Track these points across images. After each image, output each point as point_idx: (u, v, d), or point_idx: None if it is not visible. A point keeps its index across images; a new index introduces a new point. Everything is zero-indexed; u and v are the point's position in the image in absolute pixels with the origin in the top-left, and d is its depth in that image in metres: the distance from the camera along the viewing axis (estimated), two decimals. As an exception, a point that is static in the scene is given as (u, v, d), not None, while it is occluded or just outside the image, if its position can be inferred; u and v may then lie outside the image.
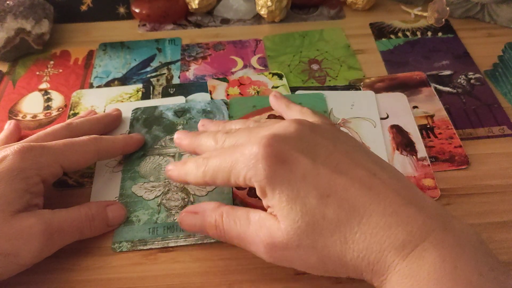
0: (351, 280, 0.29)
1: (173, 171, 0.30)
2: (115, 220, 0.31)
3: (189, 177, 0.29)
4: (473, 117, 0.39)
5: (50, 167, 0.30)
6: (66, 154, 0.31)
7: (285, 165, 0.25)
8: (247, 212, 0.27)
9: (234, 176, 0.26)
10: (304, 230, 0.24)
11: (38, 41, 0.46)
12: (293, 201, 0.24)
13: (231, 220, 0.27)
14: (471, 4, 0.49)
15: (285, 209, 0.24)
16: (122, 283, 0.29)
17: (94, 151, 0.32)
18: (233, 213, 0.27)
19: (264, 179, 0.25)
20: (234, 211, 0.27)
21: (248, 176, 0.25)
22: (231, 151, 0.27)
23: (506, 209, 0.32)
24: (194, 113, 0.39)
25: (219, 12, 0.52)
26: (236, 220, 0.27)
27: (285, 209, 0.24)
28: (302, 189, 0.24)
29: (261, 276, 0.29)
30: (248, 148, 0.26)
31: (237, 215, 0.27)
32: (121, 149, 0.35)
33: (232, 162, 0.26)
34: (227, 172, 0.26)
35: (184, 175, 0.29)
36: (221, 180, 0.27)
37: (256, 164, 0.25)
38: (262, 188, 0.25)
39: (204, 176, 0.28)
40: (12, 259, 0.26)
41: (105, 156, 0.34)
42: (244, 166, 0.25)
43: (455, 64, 0.44)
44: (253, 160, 0.25)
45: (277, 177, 0.25)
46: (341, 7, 0.53)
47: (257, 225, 0.26)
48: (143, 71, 0.45)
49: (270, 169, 0.25)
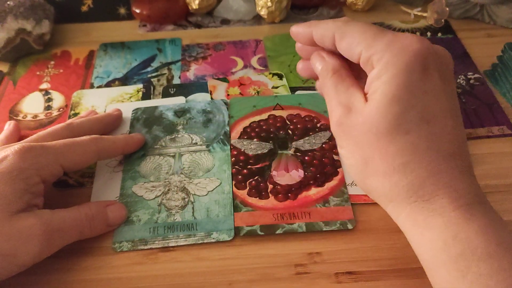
0: (352, 280, 0.29)
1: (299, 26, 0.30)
2: (115, 220, 0.31)
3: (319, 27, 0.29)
4: (472, 117, 0.39)
5: (50, 167, 0.30)
6: (67, 154, 0.31)
7: (423, 73, 0.25)
8: (350, 85, 0.27)
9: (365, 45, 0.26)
10: (383, 127, 0.24)
11: (38, 42, 0.47)
12: (397, 102, 0.24)
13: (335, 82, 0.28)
14: (471, 5, 0.49)
15: (385, 102, 0.24)
16: (122, 283, 0.29)
17: (95, 151, 0.32)
18: (342, 79, 0.28)
19: (396, 66, 0.25)
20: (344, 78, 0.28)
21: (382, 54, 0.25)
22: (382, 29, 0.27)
23: (506, 209, 0.33)
24: (194, 113, 0.39)
25: (219, 12, 0.52)
26: (338, 85, 0.28)
27: (385, 101, 0.24)
28: (415, 99, 0.24)
29: (261, 276, 0.29)
30: (409, 37, 0.25)
31: (342, 82, 0.28)
32: (122, 149, 0.35)
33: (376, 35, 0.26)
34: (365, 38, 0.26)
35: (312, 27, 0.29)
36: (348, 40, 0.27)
37: (403, 51, 0.25)
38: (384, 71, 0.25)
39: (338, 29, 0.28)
40: (12, 259, 0.26)
41: (105, 156, 0.34)
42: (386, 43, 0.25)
43: (455, 64, 0.44)
44: (403, 46, 0.25)
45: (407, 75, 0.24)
46: (341, 8, 0.53)
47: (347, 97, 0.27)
48: (143, 71, 0.45)
49: (409, 65, 0.25)
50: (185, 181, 0.34)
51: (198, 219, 0.32)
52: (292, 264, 0.30)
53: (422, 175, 0.24)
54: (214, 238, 0.31)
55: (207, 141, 0.37)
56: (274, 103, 0.40)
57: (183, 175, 0.35)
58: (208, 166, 0.35)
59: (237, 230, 0.31)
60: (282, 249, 0.31)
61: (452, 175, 0.24)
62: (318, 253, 0.30)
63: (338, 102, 0.27)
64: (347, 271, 0.29)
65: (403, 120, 0.24)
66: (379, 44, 0.25)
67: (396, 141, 0.24)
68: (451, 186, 0.24)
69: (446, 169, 0.24)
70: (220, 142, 0.37)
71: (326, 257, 0.30)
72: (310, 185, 0.34)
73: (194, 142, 0.37)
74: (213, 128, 0.38)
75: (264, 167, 0.35)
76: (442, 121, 0.25)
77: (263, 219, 0.32)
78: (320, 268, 0.30)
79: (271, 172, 0.35)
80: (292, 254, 0.30)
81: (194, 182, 0.34)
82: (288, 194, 0.33)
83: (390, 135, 0.24)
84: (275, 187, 0.34)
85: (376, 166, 0.25)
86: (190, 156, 0.36)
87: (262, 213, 0.32)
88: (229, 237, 0.31)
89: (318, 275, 0.29)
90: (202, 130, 0.38)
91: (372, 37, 0.26)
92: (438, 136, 0.25)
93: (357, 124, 0.25)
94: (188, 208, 0.33)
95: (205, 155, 0.36)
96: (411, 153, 0.24)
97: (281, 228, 0.31)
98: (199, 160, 0.36)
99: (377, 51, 0.25)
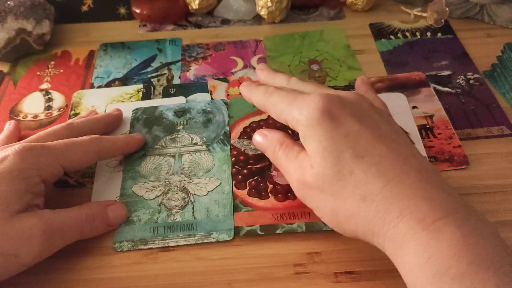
0: (351, 280, 0.29)
1: (244, 87, 0.33)
2: (115, 220, 0.32)
3: (253, 96, 0.32)
4: (472, 117, 0.39)
5: (50, 167, 0.30)
6: (67, 154, 0.31)
7: (334, 122, 0.27)
8: (298, 151, 0.29)
9: (286, 113, 0.29)
10: (331, 179, 0.26)
11: (39, 42, 0.47)
12: (328, 152, 0.26)
13: (285, 152, 0.30)
14: (470, 5, 0.49)
15: (320, 157, 0.27)
16: (122, 283, 0.29)
17: (95, 151, 0.33)
18: (290, 148, 0.30)
19: (310, 126, 0.27)
20: (291, 147, 0.30)
21: (297, 118, 0.28)
22: (297, 93, 0.30)
23: (505, 209, 0.33)
24: (194, 113, 0.39)
25: (219, 12, 0.52)
26: (288, 154, 0.30)
27: (319, 157, 0.27)
28: (341, 145, 0.26)
29: (261, 276, 0.29)
30: (311, 96, 0.28)
31: (291, 151, 0.30)
32: (122, 149, 0.35)
33: (292, 101, 0.29)
34: (284, 107, 0.29)
35: (250, 94, 0.33)
36: (275, 111, 0.30)
37: (309, 111, 0.27)
38: (305, 133, 0.28)
39: (265, 101, 0.31)
40: (13, 259, 0.26)
41: (105, 156, 0.34)
42: (298, 109, 0.28)
43: (454, 64, 0.45)
44: (309, 107, 0.27)
45: (322, 129, 0.27)
46: (341, 8, 0.53)
47: (299, 163, 0.29)
48: (143, 71, 0.45)
49: (319, 120, 0.27)
50: (185, 181, 0.34)
51: (198, 219, 0.32)
52: (291, 264, 0.30)
53: (381, 202, 0.25)
54: (214, 238, 0.31)
55: (207, 141, 0.37)
56: (274, 103, 0.40)
57: (183, 175, 0.35)
58: (208, 166, 0.35)
59: (237, 230, 0.31)
60: (281, 249, 0.31)
61: (408, 196, 0.24)
62: (318, 253, 0.30)
63: (293, 169, 0.29)
64: (346, 271, 0.29)
65: (342, 164, 0.26)
66: (295, 110, 0.28)
67: (347, 183, 0.26)
68: (412, 206, 0.24)
69: (400, 191, 0.24)
70: (220, 142, 0.37)
71: (326, 257, 0.30)
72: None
73: (194, 142, 0.37)
74: (213, 128, 0.38)
75: (264, 167, 0.35)
76: (375, 151, 0.26)
77: (263, 219, 0.32)
78: (319, 268, 0.30)
79: (271, 172, 0.35)
80: (292, 254, 0.30)
81: (194, 182, 0.34)
82: (288, 194, 0.33)
83: (339, 181, 0.26)
84: (275, 187, 0.34)
85: (344, 212, 0.26)
86: (190, 156, 0.36)
87: (262, 213, 0.32)
88: (229, 237, 0.31)
89: (317, 275, 0.29)
90: (202, 130, 0.38)
91: (289, 104, 0.29)
92: (378, 164, 0.25)
93: (312, 184, 0.27)
94: (188, 208, 0.33)
95: (205, 155, 0.36)
96: (363, 186, 0.25)
97: (281, 228, 0.31)
98: (199, 160, 0.36)
99: (295, 116, 0.28)
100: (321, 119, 0.27)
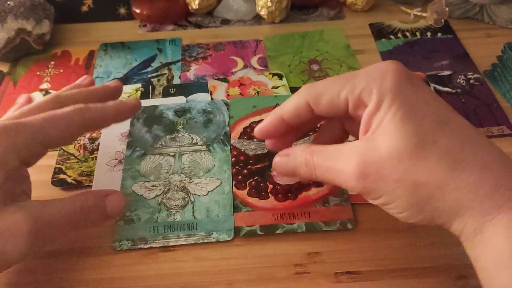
0: (352, 280, 0.29)
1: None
2: (113, 211, 0.28)
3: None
4: (472, 117, 0.39)
5: (29, 147, 0.26)
6: (46, 130, 0.27)
7: (413, 85, 0.24)
8: (336, 146, 0.26)
9: (348, 89, 0.25)
10: (410, 151, 0.22)
11: (38, 42, 0.47)
12: (408, 119, 0.23)
13: (321, 155, 0.26)
14: (470, 5, 0.49)
15: (398, 126, 0.23)
16: (122, 283, 0.29)
17: (80, 123, 0.28)
18: (323, 149, 0.26)
19: (388, 90, 0.24)
20: (323, 148, 0.26)
21: (368, 87, 0.24)
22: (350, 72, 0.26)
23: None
24: (194, 113, 0.39)
25: (219, 12, 0.52)
26: (326, 155, 0.26)
27: (397, 125, 0.23)
28: (421, 110, 0.23)
29: (261, 276, 0.29)
30: (376, 65, 0.25)
31: (327, 150, 0.26)
32: (113, 118, 0.30)
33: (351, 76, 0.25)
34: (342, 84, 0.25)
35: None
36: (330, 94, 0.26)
37: (384, 75, 0.24)
38: (380, 101, 0.24)
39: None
40: None
41: (94, 127, 0.30)
42: (367, 77, 0.24)
43: (455, 64, 0.45)
44: (381, 72, 0.24)
45: (402, 92, 0.24)
46: (341, 8, 0.53)
47: (349, 154, 0.24)
48: (143, 71, 0.45)
49: (399, 83, 0.24)
50: (185, 180, 0.34)
51: (198, 219, 0.32)
52: (291, 264, 0.30)
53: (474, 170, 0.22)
54: (214, 238, 0.31)
55: (207, 141, 0.37)
56: (274, 103, 0.40)
57: (183, 174, 0.35)
58: (208, 166, 0.35)
59: (237, 230, 0.31)
60: (281, 249, 0.31)
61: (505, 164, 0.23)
62: (318, 253, 0.30)
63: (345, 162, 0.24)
64: (346, 271, 0.29)
65: (424, 132, 0.23)
66: (360, 82, 0.25)
67: (430, 153, 0.22)
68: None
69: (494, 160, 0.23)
70: (220, 142, 0.37)
71: (326, 257, 0.30)
72: (309, 185, 0.34)
73: (195, 142, 0.37)
74: (213, 128, 0.38)
75: (264, 167, 0.35)
76: (457, 118, 0.24)
77: (263, 219, 0.32)
78: (319, 268, 0.30)
79: (271, 172, 0.35)
80: (292, 254, 0.30)
81: (194, 182, 0.34)
82: (288, 194, 0.33)
83: (422, 151, 0.22)
84: (275, 187, 0.34)
85: (427, 187, 0.22)
86: (190, 156, 0.36)
87: (262, 213, 0.32)
88: (229, 237, 0.31)
89: (317, 275, 0.29)
90: (202, 130, 0.38)
91: (348, 81, 0.25)
92: (465, 131, 0.23)
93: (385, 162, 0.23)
94: (188, 208, 0.33)
95: (205, 155, 0.36)
96: (451, 154, 0.22)
97: (281, 228, 0.31)
98: (199, 160, 0.36)
99: (363, 88, 0.24)
100: (400, 83, 0.24)
